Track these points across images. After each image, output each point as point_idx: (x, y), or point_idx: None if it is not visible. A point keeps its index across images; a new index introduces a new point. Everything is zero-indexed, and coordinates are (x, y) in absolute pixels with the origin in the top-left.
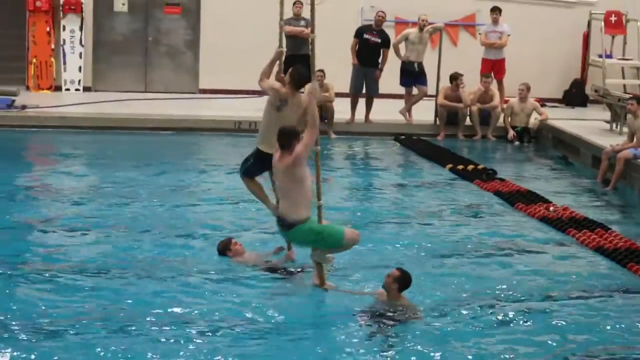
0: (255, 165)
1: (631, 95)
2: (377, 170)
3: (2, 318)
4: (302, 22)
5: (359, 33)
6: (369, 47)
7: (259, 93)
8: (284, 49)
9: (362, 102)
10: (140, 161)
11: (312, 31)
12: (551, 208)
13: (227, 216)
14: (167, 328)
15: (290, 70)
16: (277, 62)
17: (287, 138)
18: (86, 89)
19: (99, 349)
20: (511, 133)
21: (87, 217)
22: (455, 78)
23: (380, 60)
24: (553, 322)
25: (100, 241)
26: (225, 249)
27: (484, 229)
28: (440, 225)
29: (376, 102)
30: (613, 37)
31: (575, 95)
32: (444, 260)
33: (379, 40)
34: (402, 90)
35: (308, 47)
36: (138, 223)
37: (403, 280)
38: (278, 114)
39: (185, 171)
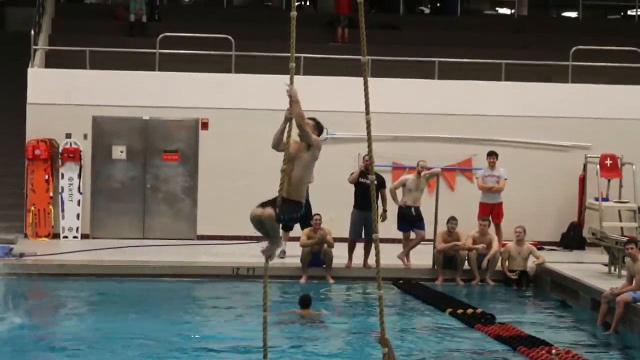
0: (301, 219)
1: (628, 238)
2: (376, 315)
3: None
4: None
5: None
6: (366, 190)
7: (257, 238)
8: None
9: (360, 247)
10: (139, 308)
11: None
12: (553, 351)
13: None
14: None
15: (309, 121)
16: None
17: None
18: (84, 237)
19: None
20: (510, 274)
21: None
22: (448, 221)
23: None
24: None
25: None
26: None
27: None
28: None
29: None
30: (609, 180)
31: (573, 238)
32: None
33: (375, 183)
34: (399, 234)
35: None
36: None
37: None
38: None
39: (184, 318)
